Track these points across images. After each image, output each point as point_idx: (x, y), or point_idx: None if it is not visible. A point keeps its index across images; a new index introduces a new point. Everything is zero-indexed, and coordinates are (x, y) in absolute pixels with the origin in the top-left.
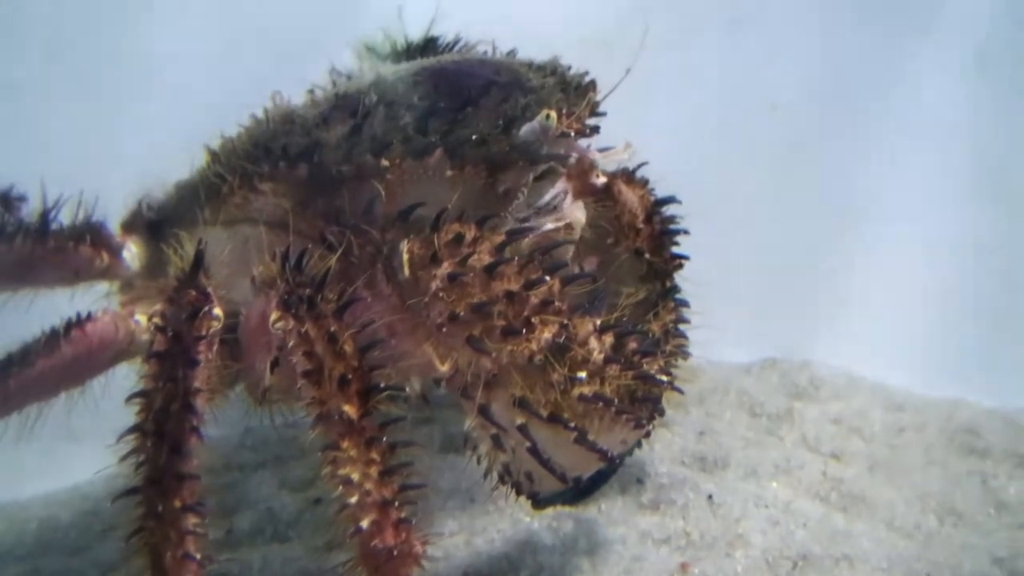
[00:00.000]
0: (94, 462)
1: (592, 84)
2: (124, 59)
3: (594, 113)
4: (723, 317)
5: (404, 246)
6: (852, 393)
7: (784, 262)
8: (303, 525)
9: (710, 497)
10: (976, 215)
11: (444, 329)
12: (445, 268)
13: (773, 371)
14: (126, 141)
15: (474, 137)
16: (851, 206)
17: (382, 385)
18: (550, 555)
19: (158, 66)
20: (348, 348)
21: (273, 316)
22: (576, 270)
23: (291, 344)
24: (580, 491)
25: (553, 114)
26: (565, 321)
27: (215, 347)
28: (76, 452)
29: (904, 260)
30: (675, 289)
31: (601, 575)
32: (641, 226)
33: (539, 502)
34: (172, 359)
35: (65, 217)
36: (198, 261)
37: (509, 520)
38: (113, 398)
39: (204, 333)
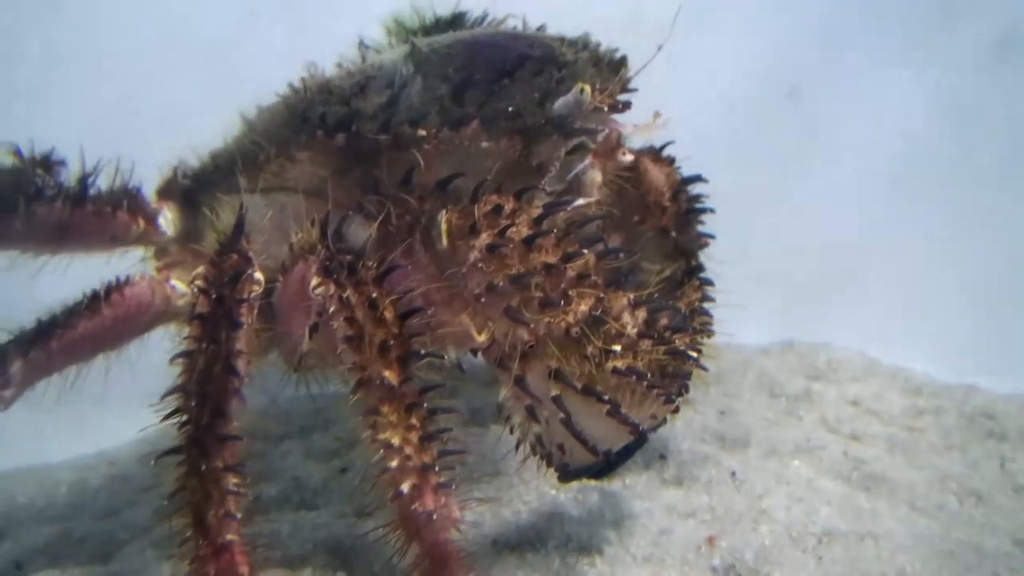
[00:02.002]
0: (119, 427)
1: (624, 60)
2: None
3: (625, 89)
4: (742, 298)
5: (442, 216)
6: (870, 376)
7: (803, 244)
8: (330, 493)
9: (733, 474)
10: (994, 200)
11: (482, 299)
12: (484, 239)
13: (791, 353)
14: (156, 112)
15: (510, 109)
16: (871, 190)
17: (422, 352)
18: (577, 526)
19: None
20: (388, 315)
21: (314, 282)
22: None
23: (332, 310)
24: (607, 465)
25: (587, 88)
26: (601, 295)
27: (255, 311)
28: (101, 417)
29: (922, 245)
30: (700, 267)
31: (629, 547)
32: (667, 204)
33: (567, 475)
34: (215, 321)
35: (102, 183)
36: (239, 225)
37: (535, 492)
38: (137, 365)
39: (246, 296)
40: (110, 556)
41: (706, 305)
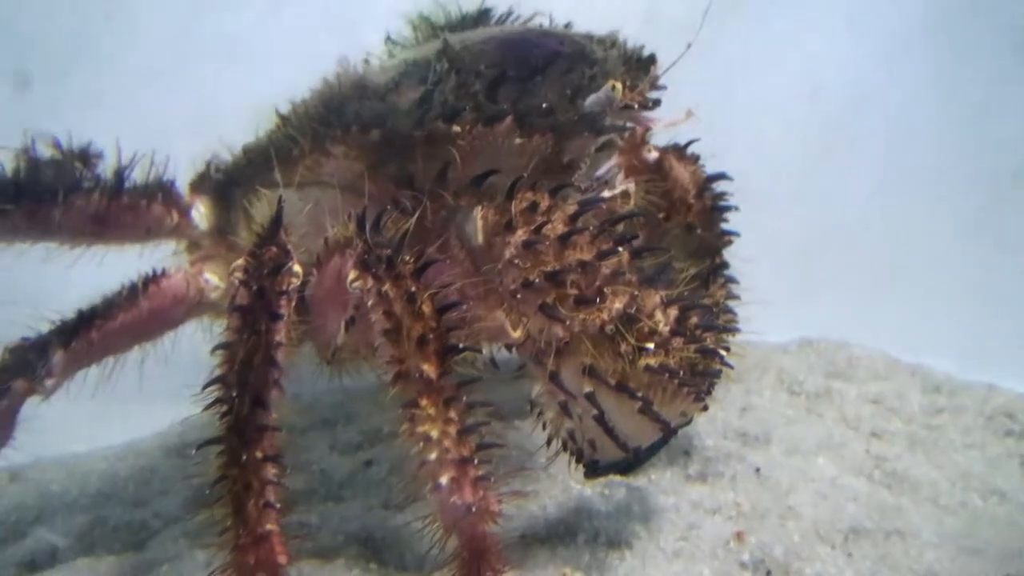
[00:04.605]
0: (144, 419)
1: (652, 58)
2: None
3: (654, 87)
4: (761, 296)
5: (478, 212)
6: (889, 374)
7: (822, 243)
8: (356, 486)
9: (757, 470)
10: (1016, 198)
11: (518, 296)
12: (519, 236)
13: (811, 351)
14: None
15: (543, 106)
16: (890, 189)
17: (460, 346)
18: (605, 520)
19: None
20: (426, 309)
21: (351, 275)
22: None
23: (370, 303)
24: (634, 461)
25: (619, 85)
26: (635, 292)
27: (293, 303)
28: (127, 409)
29: (940, 243)
30: (725, 265)
31: (658, 541)
32: (692, 201)
33: (596, 470)
34: (255, 313)
35: (137, 176)
36: (278, 218)
37: (561, 487)
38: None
39: (285, 288)
40: (143, 544)
41: (730, 303)
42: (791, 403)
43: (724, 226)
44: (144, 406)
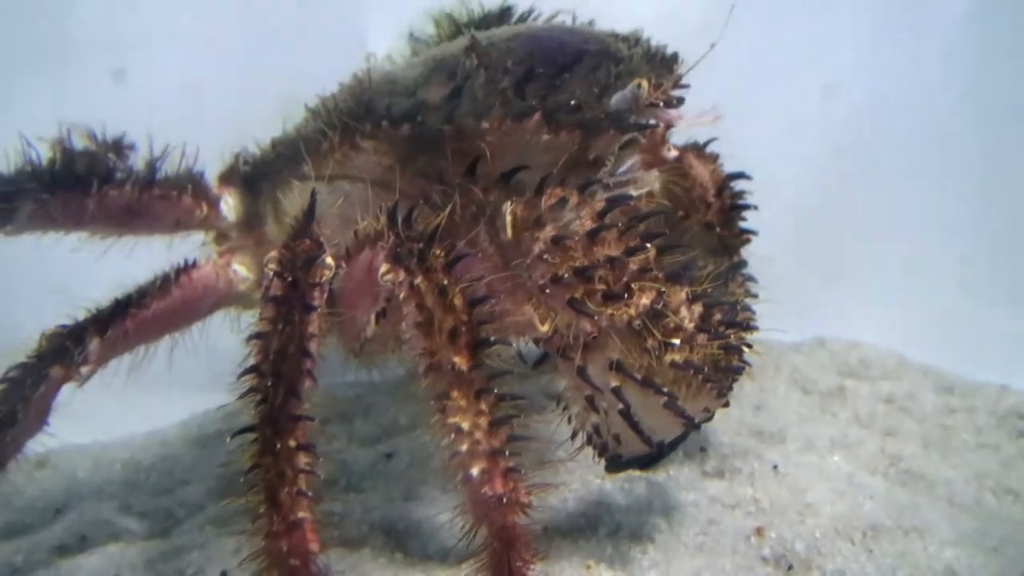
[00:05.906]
0: (164, 409)
1: (676, 56)
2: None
3: (678, 85)
4: (774, 295)
5: (507, 208)
6: (901, 374)
7: (834, 243)
8: (376, 477)
9: (775, 467)
10: None
11: (547, 291)
12: (548, 231)
13: (822, 350)
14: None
15: (571, 103)
16: (904, 190)
17: (491, 339)
18: (626, 514)
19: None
20: (458, 302)
21: (383, 268)
22: None
23: (401, 296)
24: (656, 455)
25: (645, 83)
26: (662, 288)
27: (325, 295)
28: (150, 399)
29: (953, 245)
30: (743, 263)
31: (679, 535)
32: (712, 200)
33: (618, 465)
34: (289, 304)
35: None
36: (311, 211)
37: (580, 481)
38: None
39: (319, 280)
40: (169, 532)
41: (748, 301)
42: (804, 401)
43: (742, 224)
44: (162, 396)
